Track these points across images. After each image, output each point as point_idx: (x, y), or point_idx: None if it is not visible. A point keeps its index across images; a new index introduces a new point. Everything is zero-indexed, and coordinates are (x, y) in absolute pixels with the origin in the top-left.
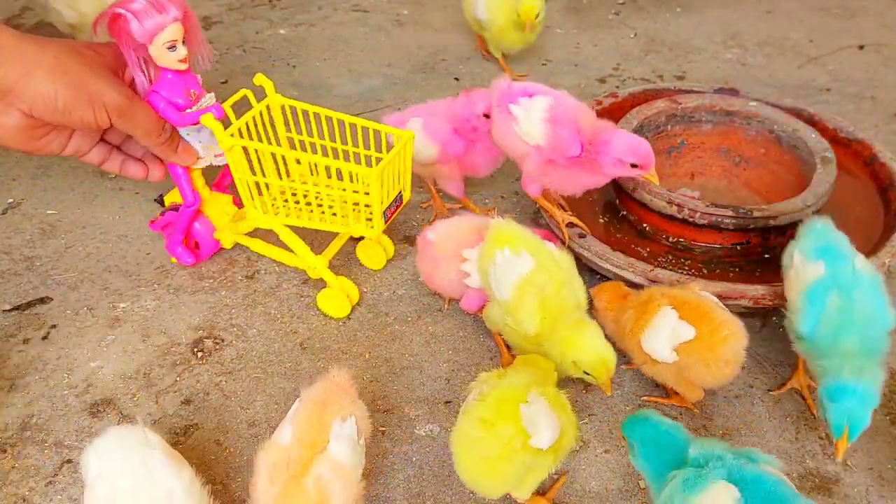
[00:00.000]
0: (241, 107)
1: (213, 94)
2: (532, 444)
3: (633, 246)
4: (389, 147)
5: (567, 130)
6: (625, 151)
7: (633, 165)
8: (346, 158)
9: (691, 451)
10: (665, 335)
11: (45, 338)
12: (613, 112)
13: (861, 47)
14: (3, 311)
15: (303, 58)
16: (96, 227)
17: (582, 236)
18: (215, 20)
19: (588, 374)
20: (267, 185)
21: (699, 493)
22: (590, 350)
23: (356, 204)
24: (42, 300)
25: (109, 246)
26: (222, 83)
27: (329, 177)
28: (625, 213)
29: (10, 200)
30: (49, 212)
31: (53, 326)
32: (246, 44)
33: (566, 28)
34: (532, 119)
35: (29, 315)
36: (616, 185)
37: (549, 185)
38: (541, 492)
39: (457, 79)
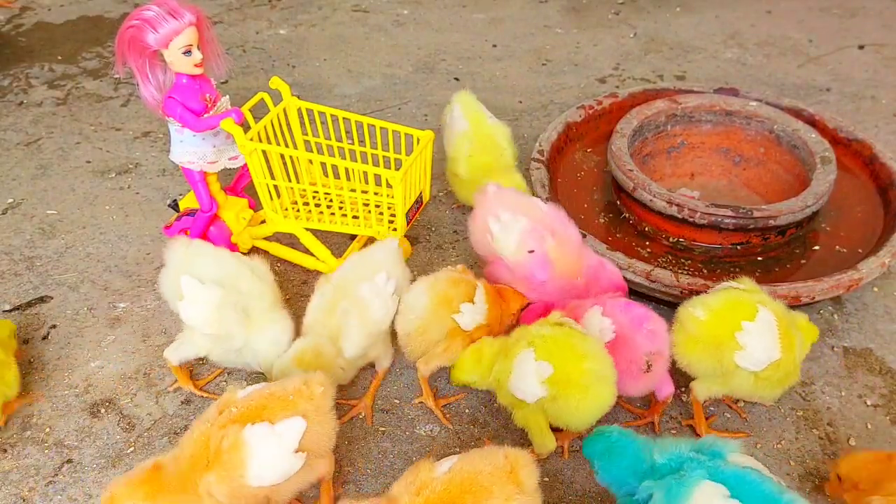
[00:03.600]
0: (239, 101)
1: (227, 97)
2: None
3: (633, 246)
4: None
5: None
6: None
7: None
8: (364, 160)
9: (656, 458)
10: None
11: (45, 338)
12: (613, 112)
13: (861, 47)
14: (3, 311)
15: (303, 58)
16: (96, 227)
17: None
18: (215, 20)
19: None
20: (291, 189)
21: (686, 499)
22: None
23: (377, 206)
24: (42, 300)
25: (109, 246)
26: (223, 83)
27: (349, 179)
28: (625, 213)
29: (10, 200)
30: (49, 212)
31: (53, 326)
32: (246, 44)
33: (566, 28)
34: None
35: (29, 315)
36: (616, 185)
37: None
38: None
39: (457, 79)
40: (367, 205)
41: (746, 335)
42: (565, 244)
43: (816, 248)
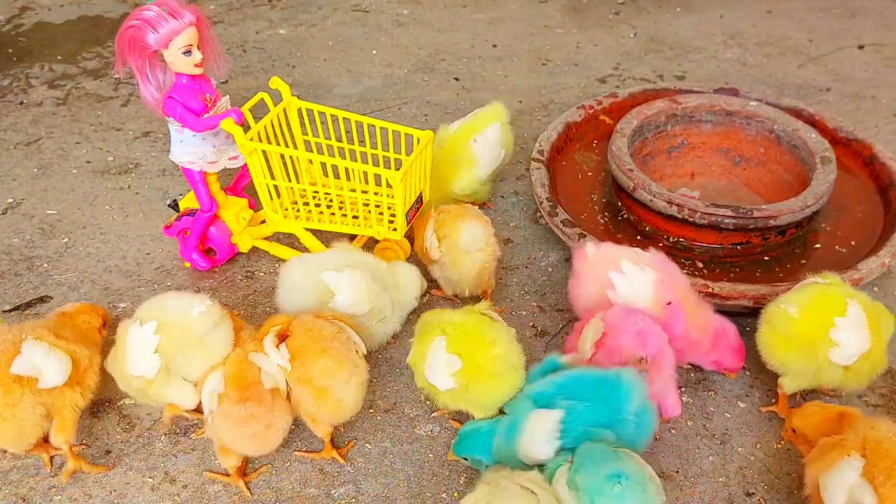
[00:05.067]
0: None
1: (228, 97)
2: None
3: (633, 246)
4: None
5: None
6: None
7: None
8: (364, 160)
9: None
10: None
11: None
12: (613, 112)
13: (861, 47)
14: (3, 311)
15: (303, 58)
16: (96, 227)
17: (583, 236)
18: (215, 20)
19: None
20: (291, 189)
21: (521, 431)
22: None
23: (377, 206)
24: (42, 300)
25: (109, 246)
26: (223, 83)
27: (349, 179)
28: (625, 213)
29: (10, 200)
30: (49, 212)
31: None
32: (246, 44)
33: (566, 28)
34: None
35: (29, 315)
36: (616, 185)
37: None
38: None
39: (457, 79)
40: (367, 205)
41: (840, 331)
42: (686, 293)
43: (817, 247)
